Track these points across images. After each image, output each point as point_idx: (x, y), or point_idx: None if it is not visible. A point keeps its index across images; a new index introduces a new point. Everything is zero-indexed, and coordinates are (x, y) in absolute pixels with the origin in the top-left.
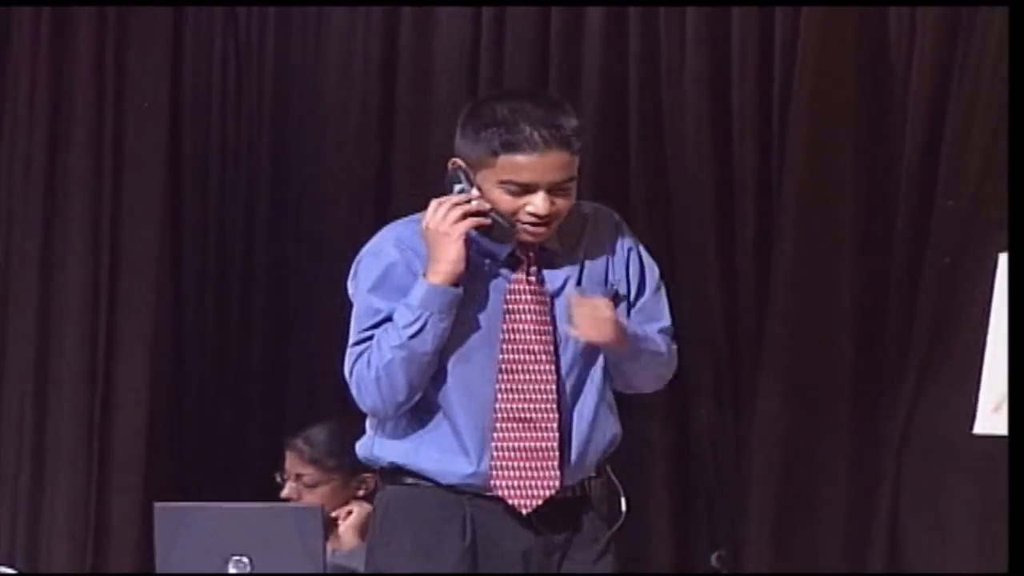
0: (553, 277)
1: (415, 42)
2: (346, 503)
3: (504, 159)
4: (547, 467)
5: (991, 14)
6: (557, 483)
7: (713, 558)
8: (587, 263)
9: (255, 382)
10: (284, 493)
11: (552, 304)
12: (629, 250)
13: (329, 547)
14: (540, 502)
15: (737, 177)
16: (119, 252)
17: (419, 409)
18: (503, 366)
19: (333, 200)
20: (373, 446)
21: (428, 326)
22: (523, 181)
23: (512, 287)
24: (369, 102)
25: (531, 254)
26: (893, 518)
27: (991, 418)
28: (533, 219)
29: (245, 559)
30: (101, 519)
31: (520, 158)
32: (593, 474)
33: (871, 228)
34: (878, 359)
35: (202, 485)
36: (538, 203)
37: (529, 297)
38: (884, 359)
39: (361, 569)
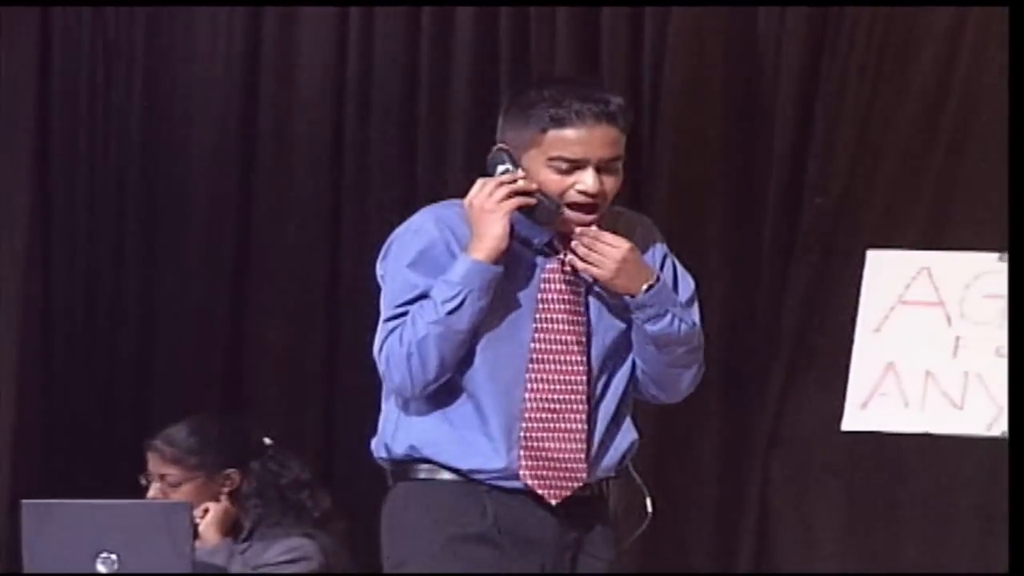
0: None
1: (280, 41)
2: (214, 499)
3: (553, 134)
4: (575, 458)
5: (859, 13)
6: (584, 474)
7: None
8: None
9: (124, 380)
10: (150, 494)
11: (586, 295)
12: (664, 256)
13: None
14: (568, 493)
15: None
16: None
17: (442, 391)
18: (534, 355)
19: (199, 194)
20: (396, 429)
21: (467, 303)
22: (573, 156)
23: (547, 276)
24: (233, 98)
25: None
26: (761, 517)
27: (859, 415)
28: (583, 198)
29: (113, 556)
30: None
31: (570, 132)
32: (612, 475)
33: (739, 226)
34: (746, 357)
35: (71, 484)
36: (588, 180)
37: (563, 287)
38: (752, 357)
39: (224, 566)
